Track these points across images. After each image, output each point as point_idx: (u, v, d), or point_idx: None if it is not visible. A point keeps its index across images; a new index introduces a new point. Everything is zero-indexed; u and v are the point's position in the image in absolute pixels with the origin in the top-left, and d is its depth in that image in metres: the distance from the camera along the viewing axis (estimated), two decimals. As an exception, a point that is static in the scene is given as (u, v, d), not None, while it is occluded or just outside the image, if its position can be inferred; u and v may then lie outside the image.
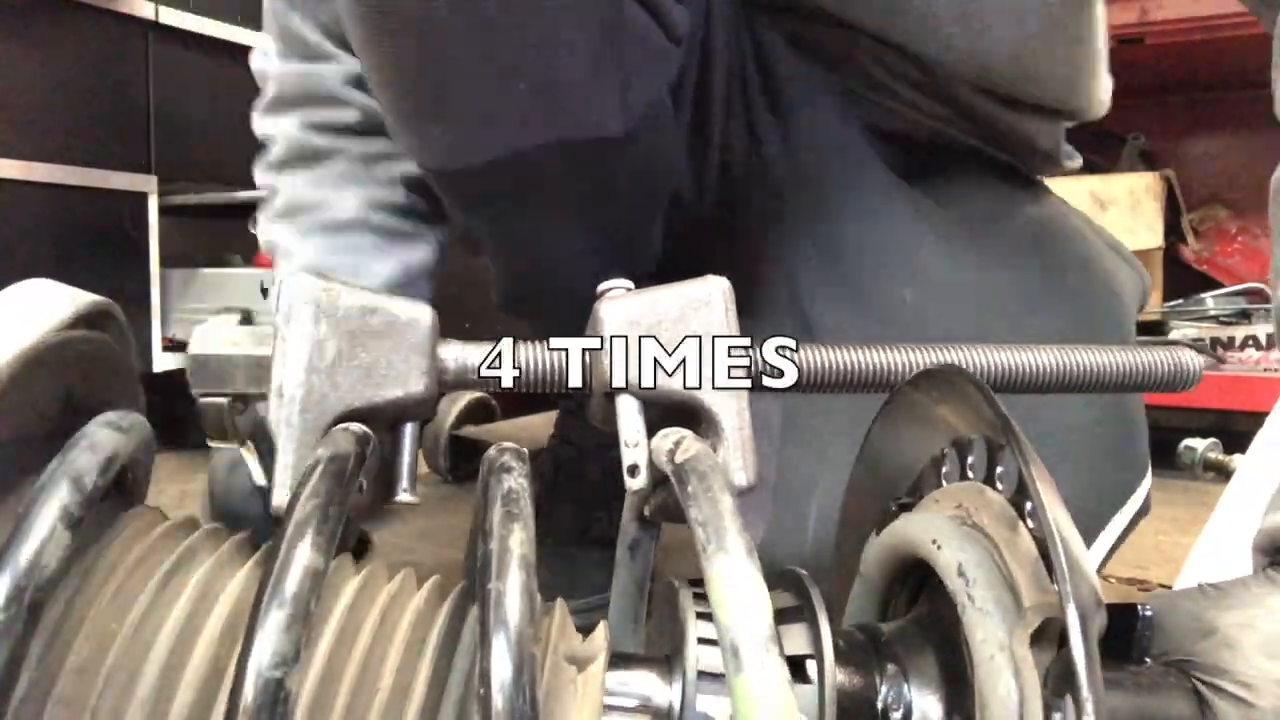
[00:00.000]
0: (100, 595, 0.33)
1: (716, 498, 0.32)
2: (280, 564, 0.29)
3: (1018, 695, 0.31)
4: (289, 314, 0.41)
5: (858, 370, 0.47)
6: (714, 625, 0.29)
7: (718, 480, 0.33)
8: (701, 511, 0.32)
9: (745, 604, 0.29)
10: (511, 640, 0.29)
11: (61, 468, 0.32)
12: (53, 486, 0.31)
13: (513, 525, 0.32)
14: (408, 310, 0.42)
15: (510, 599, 0.30)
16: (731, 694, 0.28)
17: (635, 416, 0.42)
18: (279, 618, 0.28)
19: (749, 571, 0.30)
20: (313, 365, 0.40)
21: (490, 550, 0.31)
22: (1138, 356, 0.49)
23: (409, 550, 1.21)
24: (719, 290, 0.44)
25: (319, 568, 0.29)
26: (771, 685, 0.27)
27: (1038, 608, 0.32)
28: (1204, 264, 2.25)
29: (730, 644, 0.28)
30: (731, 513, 0.32)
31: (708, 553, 0.30)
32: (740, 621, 0.28)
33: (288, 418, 0.39)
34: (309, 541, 0.30)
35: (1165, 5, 1.84)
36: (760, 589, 0.29)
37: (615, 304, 0.43)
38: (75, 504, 0.31)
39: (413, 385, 0.41)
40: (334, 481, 0.32)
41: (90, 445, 0.33)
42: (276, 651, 0.27)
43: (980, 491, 0.37)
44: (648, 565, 0.45)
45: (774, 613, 0.29)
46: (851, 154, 0.84)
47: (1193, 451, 1.54)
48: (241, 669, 0.27)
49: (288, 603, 0.28)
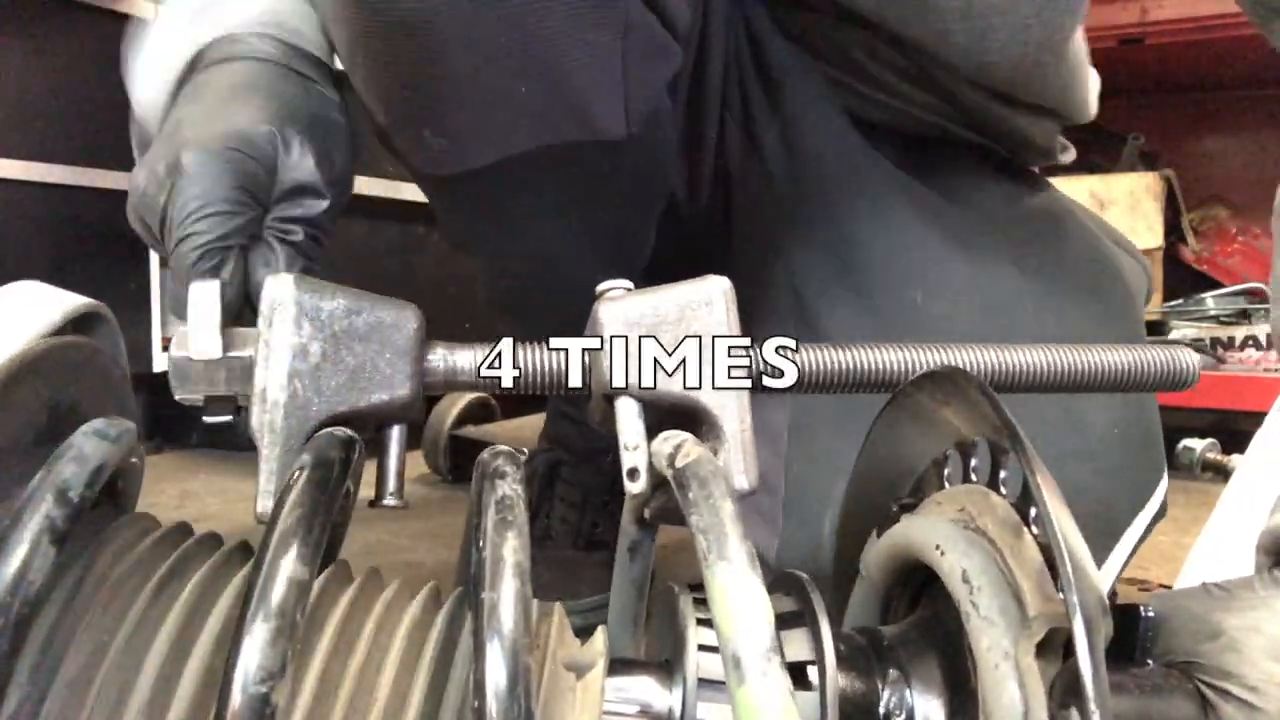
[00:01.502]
0: (91, 608, 0.33)
1: (718, 505, 0.32)
2: (264, 577, 0.28)
3: (1022, 706, 0.31)
4: (270, 315, 0.39)
5: (858, 371, 0.46)
6: (715, 633, 0.29)
7: (719, 486, 0.33)
8: (703, 518, 0.31)
9: (746, 614, 0.28)
10: (506, 650, 0.29)
11: (47, 480, 0.31)
12: (38, 500, 0.31)
13: (506, 533, 0.32)
14: (393, 311, 0.41)
15: (504, 608, 0.29)
16: (733, 705, 0.27)
17: (635, 419, 0.41)
18: (264, 631, 0.27)
19: (750, 581, 0.29)
20: (295, 369, 0.39)
21: (484, 558, 0.31)
22: (1136, 356, 0.49)
23: (409, 550, 1.21)
24: (720, 290, 0.43)
25: (304, 579, 0.29)
26: (773, 697, 0.27)
27: (1043, 617, 0.32)
28: (1204, 264, 2.24)
29: (732, 655, 0.28)
30: (733, 520, 0.31)
31: (709, 561, 0.30)
32: (741, 632, 0.28)
33: (270, 423, 0.39)
34: (293, 553, 0.29)
35: (1165, 5, 1.84)
36: (762, 598, 0.29)
37: (615, 305, 0.43)
38: (61, 518, 0.31)
39: (398, 389, 0.40)
40: (318, 489, 0.32)
41: (77, 456, 0.33)
42: (262, 666, 0.27)
43: (984, 495, 0.37)
44: (647, 568, 0.45)
45: (775, 618, 0.29)
46: (853, 150, 0.83)
47: (1191, 452, 1.54)
48: (227, 684, 0.27)
49: (273, 615, 0.28)
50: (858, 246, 0.80)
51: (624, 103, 0.65)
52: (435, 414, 1.58)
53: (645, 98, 0.67)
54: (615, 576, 0.45)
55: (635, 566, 0.45)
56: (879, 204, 0.82)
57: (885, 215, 0.81)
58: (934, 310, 0.77)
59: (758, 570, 0.30)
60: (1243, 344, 1.89)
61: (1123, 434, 0.76)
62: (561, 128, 0.65)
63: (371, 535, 1.26)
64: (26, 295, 0.37)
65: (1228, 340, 1.90)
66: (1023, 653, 0.32)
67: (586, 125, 0.65)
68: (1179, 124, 2.28)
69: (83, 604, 0.33)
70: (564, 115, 0.64)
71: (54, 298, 0.38)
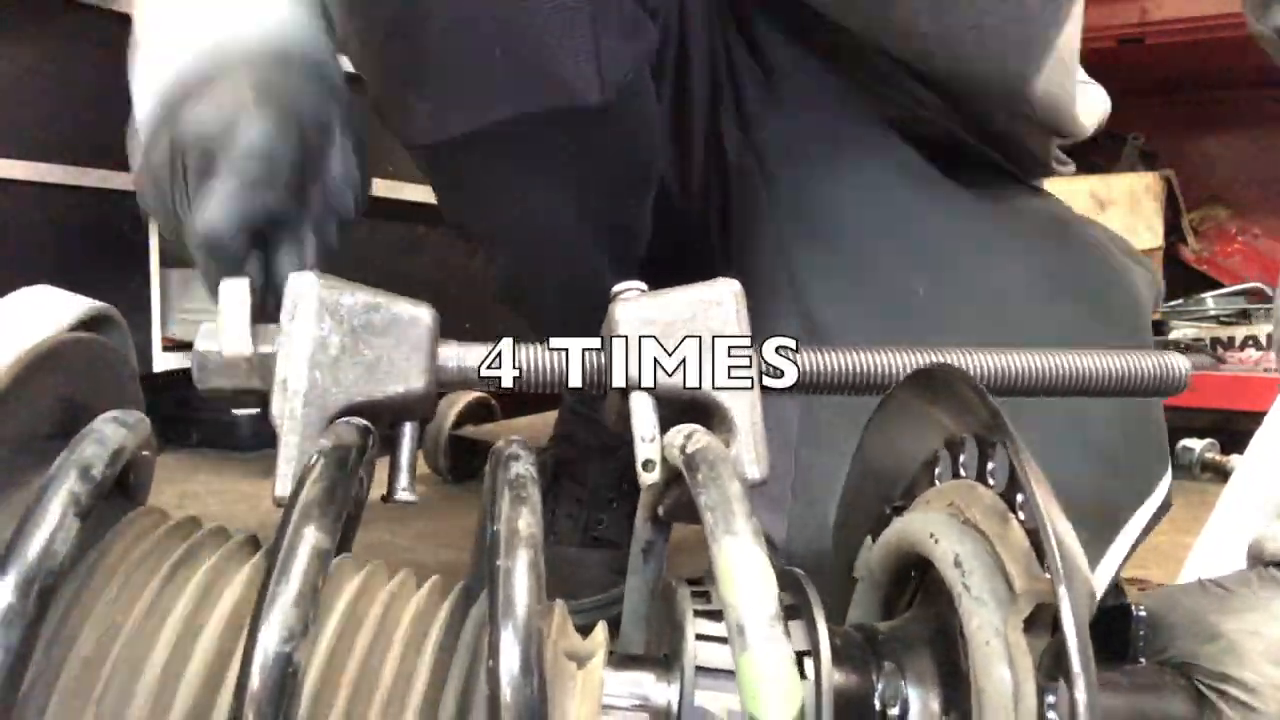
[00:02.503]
0: (106, 589, 0.34)
1: (724, 484, 0.33)
2: (288, 544, 0.30)
3: (1012, 680, 0.32)
4: (293, 310, 0.42)
5: (858, 372, 0.47)
6: (711, 623, 0.29)
7: (726, 469, 0.34)
8: (710, 497, 0.33)
9: (751, 583, 0.29)
10: (519, 619, 0.30)
11: (71, 458, 0.33)
12: (62, 476, 0.32)
13: (521, 508, 0.33)
14: (409, 309, 0.43)
15: (518, 576, 0.31)
16: (736, 671, 0.28)
17: (649, 412, 0.43)
18: (287, 594, 0.28)
19: (754, 552, 0.30)
20: (316, 360, 0.41)
21: (498, 531, 0.32)
22: (1126, 361, 0.50)
23: (409, 550, 1.21)
24: (730, 292, 0.45)
25: (325, 548, 0.30)
26: (776, 662, 0.28)
27: (1030, 593, 0.33)
28: (1204, 264, 2.25)
29: (736, 622, 0.29)
30: (739, 498, 0.32)
31: (715, 535, 0.31)
32: (745, 600, 0.29)
33: (291, 411, 0.40)
34: (314, 524, 0.30)
35: (1165, 5, 1.84)
36: (766, 569, 0.30)
37: (630, 305, 0.45)
38: (85, 493, 0.32)
39: (414, 382, 0.42)
40: (338, 468, 0.33)
41: (98, 438, 0.34)
42: (286, 626, 0.28)
43: (971, 488, 0.38)
44: (660, 567, 0.46)
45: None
46: (856, 140, 0.84)
47: (1190, 452, 1.54)
48: (251, 644, 0.28)
49: (296, 580, 0.29)
50: (863, 241, 0.80)
51: (598, 70, 0.67)
52: (435, 414, 1.58)
53: (619, 67, 0.69)
54: (629, 577, 0.46)
55: (649, 568, 0.46)
56: (886, 198, 0.82)
57: (891, 207, 0.81)
58: (936, 304, 0.77)
59: (762, 543, 0.31)
60: (1243, 344, 1.89)
61: (1124, 425, 0.76)
62: (538, 94, 0.67)
63: (373, 536, 1.26)
64: (39, 298, 0.38)
65: (1228, 340, 1.90)
66: (1011, 628, 0.32)
67: (562, 91, 0.67)
68: (1179, 124, 2.28)
69: (99, 585, 0.34)
70: (539, 81, 0.66)
71: (65, 301, 0.39)
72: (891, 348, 0.48)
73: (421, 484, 1.65)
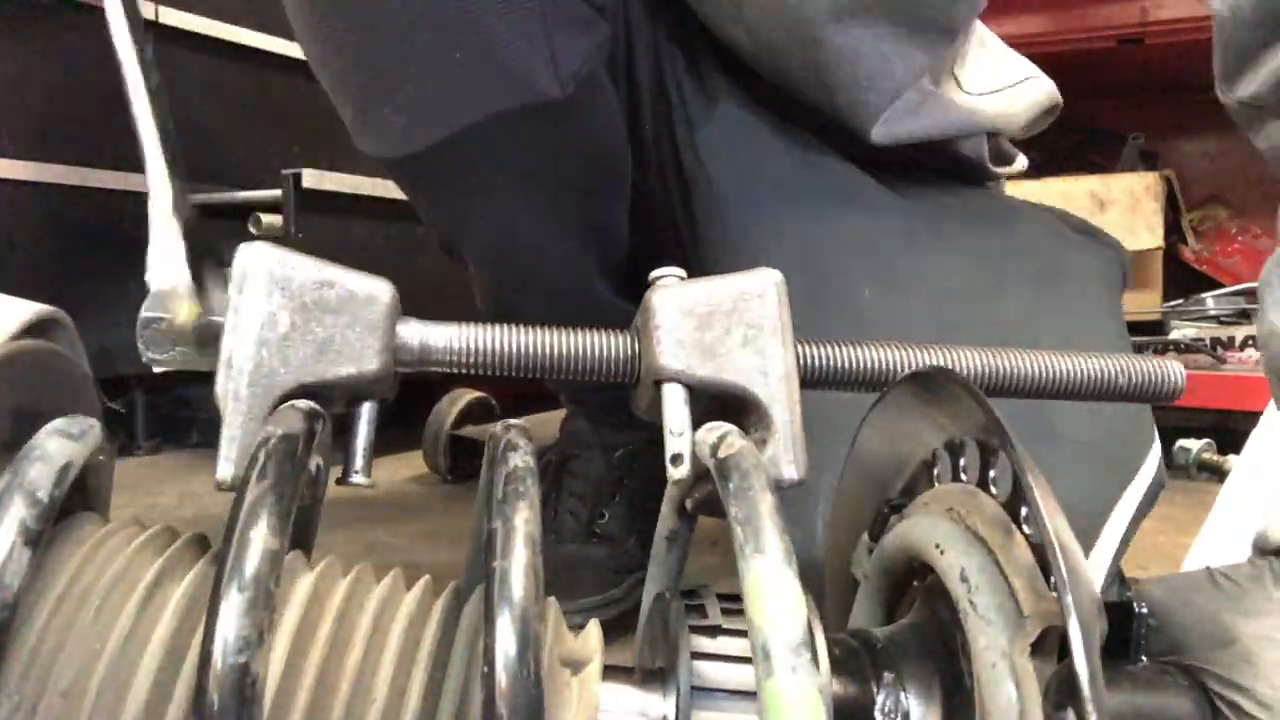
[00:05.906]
0: (80, 616, 0.32)
1: (757, 497, 0.32)
2: (236, 548, 0.28)
3: (1019, 705, 0.31)
4: (241, 283, 0.39)
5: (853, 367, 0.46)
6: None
7: (759, 479, 0.32)
8: (741, 510, 0.31)
9: (779, 608, 0.28)
10: (516, 617, 0.29)
11: (14, 483, 0.31)
12: (6, 503, 0.30)
13: (518, 503, 0.32)
14: (366, 285, 0.40)
15: (515, 576, 0.30)
16: (760, 697, 0.27)
17: (681, 406, 0.41)
18: (239, 601, 0.27)
19: (785, 575, 0.29)
20: (263, 337, 0.39)
21: (495, 528, 0.31)
22: (1124, 366, 0.49)
23: (408, 551, 1.21)
24: (773, 283, 0.43)
25: (275, 549, 0.29)
26: (801, 691, 0.27)
27: (1037, 616, 0.32)
28: (1204, 264, 2.25)
29: (762, 646, 0.28)
30: (772, 513, 0.31)
31: (745, 553, 0.30)
32: (773, 624, 0.28)
33: (235, 390, 0.38)
34: (263, 524, 0.29)
35: (1165, 5, 1.84)
36: (796, 593, 0.29)
37: (668, 292, 0.43)
38: (32, 518, 0.30)
39: (367, 363, 0.40)
40: (285, 460, 0.32)
41: (41, 456, 0.32)
42: (239, 636, 0.27)
43: (973, 495, 0.37)
44: (683, 557, 0.45)
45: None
46: (789, 149, 0.84)
47: (1187, 452, 1.54)
48: (205, 657, 0.26)
49: (247, 585, 0.27)
50: (806, 245, 0.80)
51: (553, 64, 0.69)
52: (435, 414, 1.58)
53: (573, 60, 0.71)
54: (651, 565, 0.45)
55: (672, 556, 0.45)
56: (824, 205, 0.82)
57: (831, 215, 0.81)
58: (883, 306, 0.77)
59: (793, 565, 0.30)
60: (1242, 344, 1.88)
61: (1093, 407, 0.75)
62: (500, 94, 0.69)
63: (370, 535, 1.25)
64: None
65: (1227, 340, 1.90)
66: (1019, 652, 0.32)
67: (522, 88, 0.69)
68: (1179, 124, 2.28)
69: (72, 611, 0.32)
70: (499, 81, 0.69)
71: (7, 308, 0.37)
72: (882, 344, 0.47)
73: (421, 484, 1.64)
